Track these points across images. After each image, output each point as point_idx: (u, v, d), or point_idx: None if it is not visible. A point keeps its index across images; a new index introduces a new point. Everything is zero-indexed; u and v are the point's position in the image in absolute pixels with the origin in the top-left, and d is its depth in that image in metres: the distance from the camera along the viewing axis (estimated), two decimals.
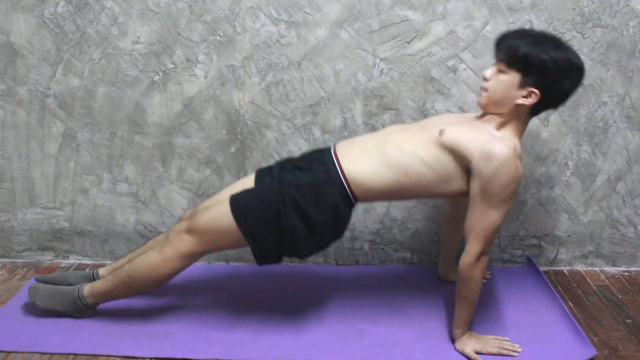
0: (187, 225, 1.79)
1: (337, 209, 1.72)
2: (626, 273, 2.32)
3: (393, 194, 1.75)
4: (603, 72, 2.12)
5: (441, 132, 1.68)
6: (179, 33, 2.14)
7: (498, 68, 1.65)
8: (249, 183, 1.85)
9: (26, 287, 2.12)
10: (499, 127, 1.69)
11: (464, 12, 2.08)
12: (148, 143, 2.26)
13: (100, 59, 2.17)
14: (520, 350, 1.77)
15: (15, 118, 2.25)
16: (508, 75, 1.63)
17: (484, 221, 1.64)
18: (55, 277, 2.02)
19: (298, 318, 1.96)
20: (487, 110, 1.71)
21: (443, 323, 1.92)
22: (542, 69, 1.59)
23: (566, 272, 2.32)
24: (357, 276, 2.26)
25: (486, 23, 2.09)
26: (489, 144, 1.60)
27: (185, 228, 1.79)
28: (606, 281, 2.25)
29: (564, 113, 2.17)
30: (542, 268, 2.32)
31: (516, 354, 1.75)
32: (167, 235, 1.85)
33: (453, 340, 1.80)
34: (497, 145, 1.60)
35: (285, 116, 2.21)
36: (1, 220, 2.37)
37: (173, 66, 2.17)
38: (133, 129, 2.25)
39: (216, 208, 1.77)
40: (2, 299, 2.09)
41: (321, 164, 1.75)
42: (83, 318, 1.92)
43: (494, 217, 1.64)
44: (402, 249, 2.36)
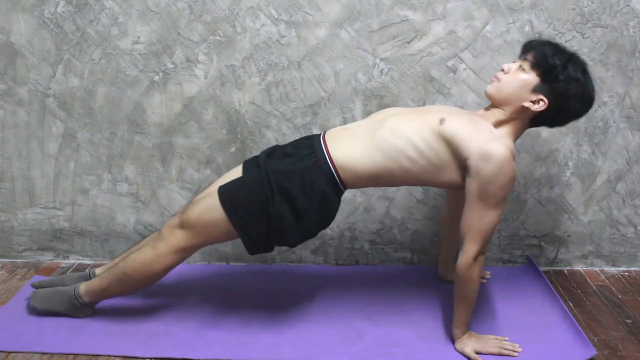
0: (179, 220, 1.79)
1: (325, 195, 1.71)
2: (626, 273, 2.32)
3: (381, 180, 1.73)
4: (603, 72, 2.12)
5: (442, 121, 1.67)
6: (179, 33, 2.14)
7: (520, 65, 1.67)
8: (237, 174, 1.85)
9: (26, 287, 2.13)
10: (498, 125, 1.69)
11: (464, 12, 2.08)
12: (148, 143, 2.26)
13: (100, 59, 2.17)
14: (520, 350, 1.77)
15: (15, 118, 2.25)
16: (527, 75, 1.65)
17: (482, 221, 1.64)
18: (52, 281, 2.02)
19: (298, 318, 1.96)
20: (491, 100, 1.71)
21: (443, 323, 1.92)
22: (563, 83, 1.63)
23: (566, 272, 2.32)
24: (357, 276, 2.26)
25: (486, 23, 2.09)
26: (488, 144, 1.60)
27: (177, 223, 1.79)
28: (606, 281, 2.25)
29: None
30: (542, 268, 2.32)
31: (516, 354, 1.75)
32: (161, 231, 1.85)
33: (453, 340, 1.80)
34: (496, 145, 1.60)
35: (285, 116, 2.21)
36: (1, 220, 2.37)
37: (173, 66, 2.17)
38: (133, 129, 2.25)
39: (206, 201, 1.77)
40: (2, 299, 2.08)
41: (309, 150, 1.74)
42: (82, 317, 1.92)
43: (492, 217, 1.64)
44: (402, 249, 2.36)
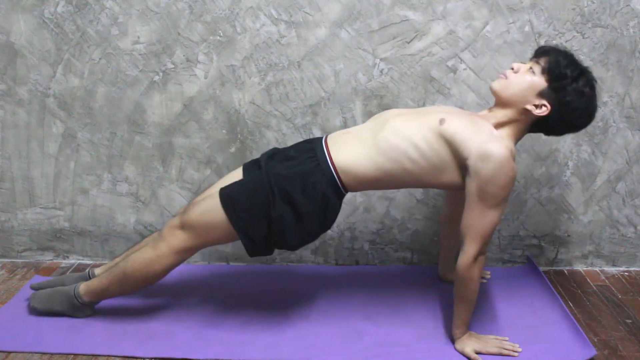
0: (180, 221, 1.80)
1: (326, 198, 1.71)
2: (626, 273, 2.32)
3: (382, 182, 1.73)
4: (603, 72, 2.12)
5: (442, 121, 1.67)
6: (179, 33, 2.14)
7: (530, 67, 1.67)
8: (238, 177, 1.85)
9: (26, 287, 2.13)
10: (498, 127, 1.69)
11: (464, 12, 2.08)
12: (148, 143, 2.26)
13: (100, 59, 2.17)
14: (520, 350, 1.77)
15: (15, 118, 2.25)
16: (536, 77, 1.65)
17: (482, 221, 1.64)
18: (51, 282, 2.02)
19: (298, 318, 1.95)
20: (496, 96, 1.71)
21: (443, 323, 1.92)
22: (569, 94, 1.63)
23: (566, 272, 2.32)
24: (357, 276, 2.26)
25: (486, 23, 2.09)
26: (487, 144, 1.60)
27: (178, 224, 1.79)
28: (606, 281, 2.25)
29: None
30: (542, 268, 2.32)
31: (516, 354, 1.75)
32: (161, 231, 1.85)
33: (453, 340, 1.80)
34: (495, 145, 1.60)
35: (285, 116, 2.21)
36: (1, 220, 2.37)
37: (173, 66, 2.17)
38: (133, 129, 2.25)
39: (207, 202, 1.77)
40: (2, 299, 2.08)
41: (310, 153, 1.75)
42: (82, 317, 1.92)
43: (492, 217, 1.64)
44: (402, 249, 2.36)
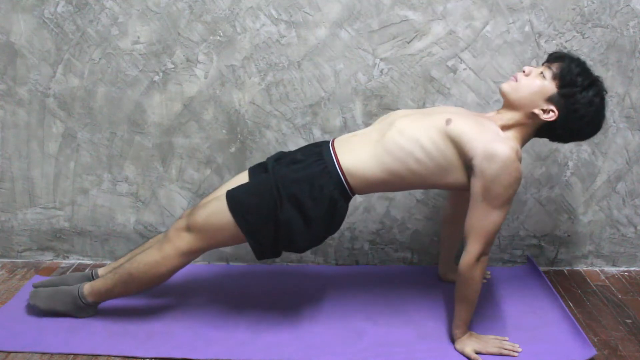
0: (186, 222, 1.80)
1: (334, 201, 1.72)
2: (626, 273, 2.32)
3: (389, 184, 1.74)
4: (603, 72, 2.12)
5: (448, 122, 1.67)
6: (179, 33, 2.14)
7: (541, 72, 1.68)
8: (244, 180, 1.85)
9: (26, 287, 2.13)
10: (505, 129, 1.70)
11: (464, 12, 2.08)
12: (148, 143, 2.26)
13: (100, 59, 2.17)
14: (520, 350, 1.77)
15: (15, 118, 2.25)
16: (546, 82, 1.65)
17: (485, 221, 1.64)
18: (53, 281, 2.01)
19: (298, 318, 1.96)
20: (505, 98, 1.71)
21: (443, 323, 1.92)
22: (579, 103, 1.63)
23: (566, 272, 2.32)
24: (357, 276, 2.26)
25: (486, 23, 2.09)
26: (492, 144, 1.61)
27: (184, 226, 1.80)
28: (606, 281, 2.25)
29: None
30: (542, 268, 2.32)
31: (516, 354, 1.75)
32: (167, 233, 1.85)
33: (453, 340, 1.80)
34: (500, 145, 1.60)
35: (285, 116, 2.21)
36: (1, 220, 2.37)
37: (173, 66, 2.17)
38: (133, 129, 2.25)
39: (213, 204, 1.77)
40: (2, 299, 2.08)
41: (318, 157, 1.75)
42: (84, 317, 1.92)
43: (495, 218, 1.64)
44: (402, 249, 2.36)
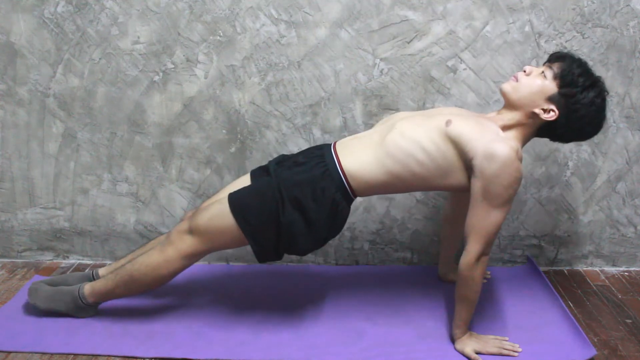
0: (188, 225, 1.80)
1: (335, 204, 1.72)
2: (626, 273, 2.32)
3: (391, 186, 1.74)
4: (603, 72, 2.12)
5: (448, 123, 1.68)
6: (179, 33, 2.14)
7: (542, 71, 1.68)
8: (246, 182, 1.86)
9: (26, 287, 2.12)
10: (505, 129, 1.70)
11: (464, 12, 2.08)
12: (148, 143, 2.26)
13: (100, 59, 2.17)
14: (520, 350, 1.77)
15: (15, 118, 2.25)
16: (547, 82, 1.66)
17: (486, 221, 1.64)
18: (54, 280, 2.01)
19: (298, 318, 1.96)
20: (505, 98, 1.71)
21: (443, 323, 1.92)
22: (579, 103, 1.63)
23: (566, 272, 2.32)
24: (357, 276, 2.26)
25: (486, 23, 2.09)
26: (492, 144, 1.61)
27: (186, 228, 1.80)
28: (606, 281, 2.25)
29: None
30: (542, 268, 2.32)
31: (516, 354, 1.75)
32: (169, 235, 1.85)
33: (453, 340, 1.80)
34: (500, 145, 1.60)
35: (285, 116, 2.21)
36: (1, 220, 2.37)
37: (173, 66, 2.17)
38: (133, 129, 2.25)
39: (215, 207, 1.78)
40: (2, 299, 2.08)
41: (319, 159, 1.76)
42: (84, 317, 1.92)
43: (495, 218, 1.64)
44: (402, 249, 2.36)
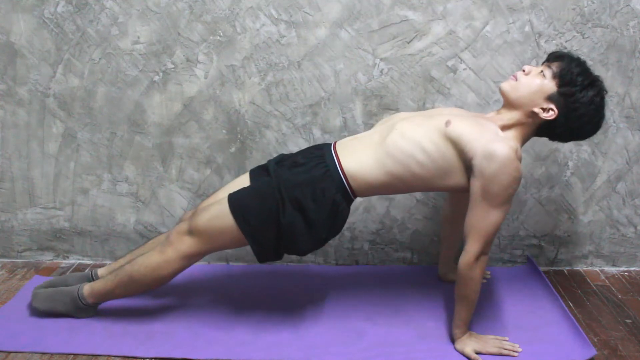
0: (188, 226, 1.79)
1: (336, 204, 1.72)
2: (626, 273, 2.32)
3: (391, 187, 1.74)
4: (603, 72, 2.12)
5: (447, 123, 1.68)
6: (179, 33, 2.14)
7: (541, 70, 1.68)
8: (245, 182, 1.85)
9: (26, 287, 2.13)
10: (505, 129, 1.70)
11: (464, 12, 2.08)
12: (148, 143, 2.26)
13: (100, 59, 2.17)
14: (520, 350, 1.77)
15: (15, 118, 2.25)
16: (546, 81, 1.66)
17: (485, 221, 1.64)
18: (53, 281, 2.01)
19: (298, 318, 1.96)
20: (504, 97, 1.71)
21: (443, 323, 1.92)
22: (578, 102, 1.63)
23: (566, 272, 2.32)
24: (357, 276, 2.26)
25: (486, 23, 2.09)
26: (491, 144, 1.61)
27: (185, 229, 1.79)
28: (606, 281, 2.25)
29: None
30: (542, 268, 2.32)
31: (516, 354, 1.75)
32: (168, 235, 1.85)
33: (453, 340, 1.80)
34: (499, 145, 1.61)
35: (285, 116, 2.21)
36: (1, 220, 2.37)
37: (173, 66, 2.17)
38: (133, 129, 2.25)
39: (215, 208, 1.77)
40: (2, 299, 2.08)
41: (319, 160, 1.76)
42: (84, 318, 1.92)
43: (495, 217, 1.64)
44: (402, 249, 2.36)
